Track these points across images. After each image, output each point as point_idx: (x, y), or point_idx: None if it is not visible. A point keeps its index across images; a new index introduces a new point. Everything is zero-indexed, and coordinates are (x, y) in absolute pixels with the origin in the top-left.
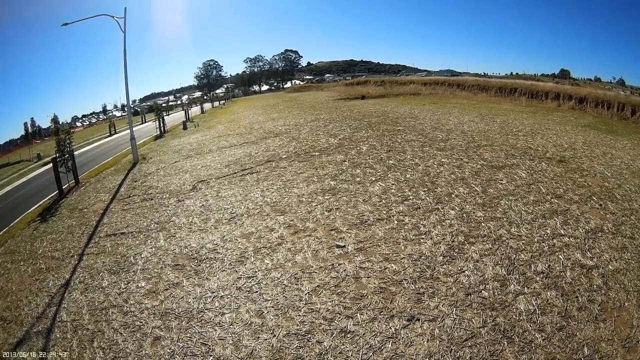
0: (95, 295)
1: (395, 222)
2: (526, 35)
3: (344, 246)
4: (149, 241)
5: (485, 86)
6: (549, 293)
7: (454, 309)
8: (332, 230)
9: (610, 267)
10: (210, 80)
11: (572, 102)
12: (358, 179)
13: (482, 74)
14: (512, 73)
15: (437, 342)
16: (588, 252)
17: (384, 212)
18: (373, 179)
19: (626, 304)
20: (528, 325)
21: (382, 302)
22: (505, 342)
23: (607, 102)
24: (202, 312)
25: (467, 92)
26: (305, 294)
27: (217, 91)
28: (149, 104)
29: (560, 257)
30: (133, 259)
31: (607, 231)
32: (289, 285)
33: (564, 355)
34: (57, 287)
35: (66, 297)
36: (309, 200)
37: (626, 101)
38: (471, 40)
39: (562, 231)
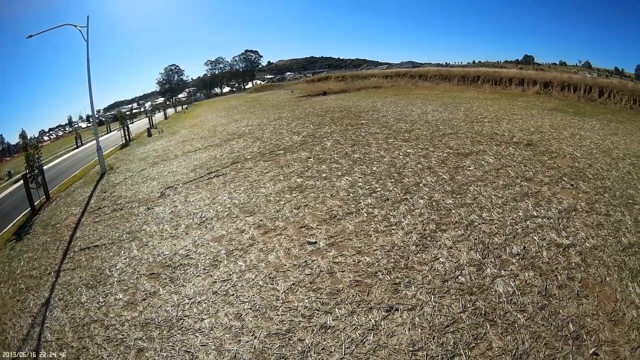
0: (76, 312)
1: (365, 214)
2: (487, 22)
3: (316, 242)
4: (122, 252)
5: (447, 75)
6: (526, 274)
7: (432, 296)
8: (302, 227)
9: (587, 245)
10: (172, 85)
11: (537, 86)
12: (324, 175)
13: (444, 63)
14: (474, 61)
15: (419, 330)
16: (563, 232)
17: (353, 205)
18: (339, 173)
19: (607, 279)
20: (509, 307)
21: (359, 295)
22: (488, 325)
23: (573, 85)
24: (181, 319)
25: (429, 83)
26: (282, 293)
27: (180, 96)
28: (113, 112)
29: (535, 238)
30: (108, 271)
31: (581, 210)
32: (265, 285)
33: (549, 333)
34: (38, 307)
35: (48, 316)
36: (277, 199)
37: (593, 83)
38: (431, 30)
39: (535, 213)
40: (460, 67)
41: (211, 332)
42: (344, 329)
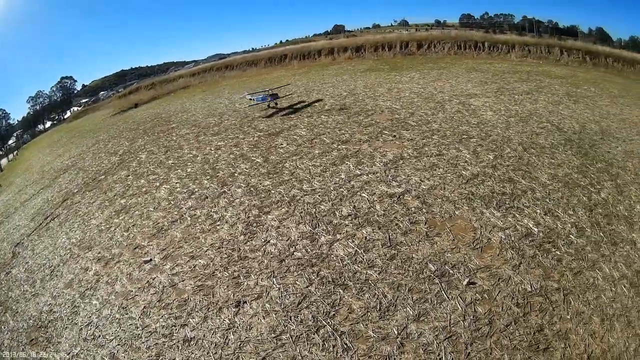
0: None
1: (189, 218)
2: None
3: (151, 260)
4: (1, 326)
5: (253, 61)
6: (364, 231)
7: (274, 279)
8: (135, 248)
9: (424, 187)
10: (1, 132)
11: (349, 52)
12: (144, 189)
13: (251, 49)
14: (281, 41)
15: (274, 315)
16: (393, 182)
17: (176, 212)
18: (157, 184)
19: (457, 212)
20: (356, 267)
21: (205, 299)
22: (341, 290)
23: (387, 43)
24: None
25: (236, 71)
26: (138, 320)
27: (10, 142)
28: None
29: (364, 195)
30: None
31: (408, 157)
32: (121, 317)
33: (409, 279)
34: None
35: None
36: (107, 226)
37: (410, 38)
38: (237, 18)
39: (358, 171)
40: (266, 50)
41: None
42: (205, 336)
